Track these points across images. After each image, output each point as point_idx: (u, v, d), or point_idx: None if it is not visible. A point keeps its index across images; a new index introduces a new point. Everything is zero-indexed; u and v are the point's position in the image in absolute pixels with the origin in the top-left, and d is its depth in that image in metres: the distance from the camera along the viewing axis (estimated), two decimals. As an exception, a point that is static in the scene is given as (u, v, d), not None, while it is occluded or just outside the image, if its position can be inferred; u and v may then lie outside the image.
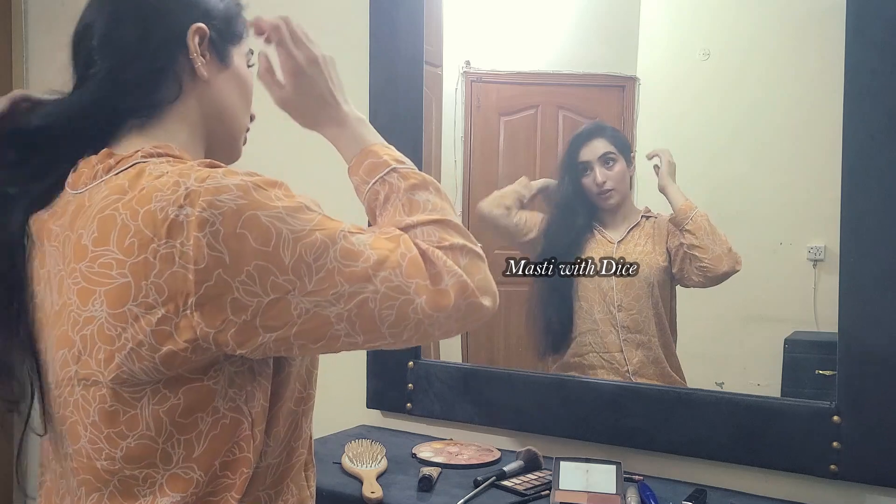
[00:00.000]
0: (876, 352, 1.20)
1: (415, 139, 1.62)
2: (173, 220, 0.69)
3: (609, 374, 1.53)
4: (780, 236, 1.42)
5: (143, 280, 0.69)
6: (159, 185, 0.71)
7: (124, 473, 0.75)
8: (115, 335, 0.71)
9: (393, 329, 0.74)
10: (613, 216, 1.60)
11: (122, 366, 0.71)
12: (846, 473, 1.23)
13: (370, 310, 0.72)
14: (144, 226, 0.70)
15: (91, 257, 0.72)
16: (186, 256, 0.68)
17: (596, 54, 1.71)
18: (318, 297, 0.71)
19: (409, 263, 0.74)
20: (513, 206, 1.65)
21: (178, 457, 0.74)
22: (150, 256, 0.69)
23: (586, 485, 1.25)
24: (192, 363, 0.72)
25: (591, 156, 1.58)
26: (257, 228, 0.69)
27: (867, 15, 1.21)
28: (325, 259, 0.71)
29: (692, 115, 1.55)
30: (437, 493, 1.27)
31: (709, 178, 1.54)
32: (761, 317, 1.46)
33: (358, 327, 0.73)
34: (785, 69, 1.45)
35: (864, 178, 1.21)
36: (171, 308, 0.69)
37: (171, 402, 0.73)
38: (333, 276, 0.71)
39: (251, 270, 0.69)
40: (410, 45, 1.63)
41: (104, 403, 0.73)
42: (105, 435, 0.74)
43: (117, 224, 0.71)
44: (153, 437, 0.73)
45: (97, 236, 0.72)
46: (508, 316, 1.76)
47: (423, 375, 1.62)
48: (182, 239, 0.68)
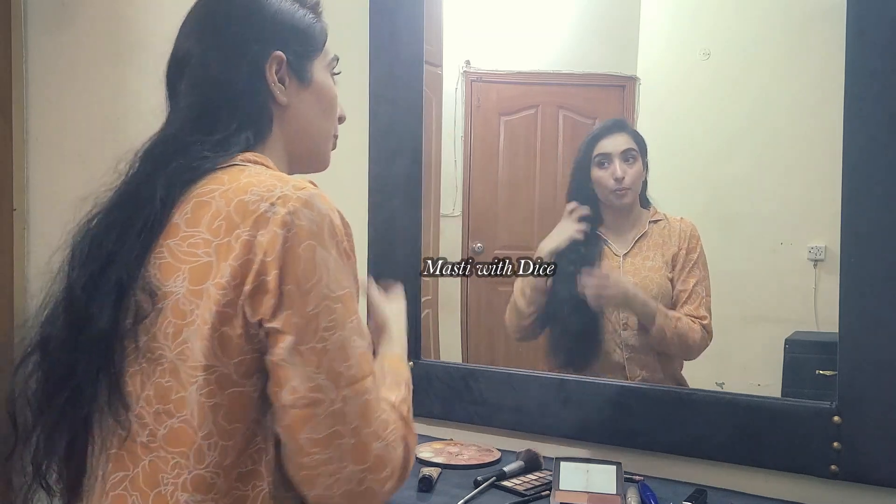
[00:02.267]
0: (876, 352, 1.20)
1: (415, 139, 1.62)
2: (261, 214, 0.75)
3: None
4: (780, 236, 1.42)
5: (223, 261, 0.75)
6: (257, 182, 0.78)
7: (160, 454, 0.77)
8: (188, 310, 0.76)
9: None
10: (622, 221, 1.55)
11: (186, 342, 0.75)
12: (846, 473, 1.23)
13: (335, 366, 0.77)
14: (235, 212, 0.76)
15: (182, 236, 0.78)
16: (261, 246, 0.74)
17: (596, 54, 1.71)
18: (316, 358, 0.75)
19: (366, 406, 0.78)
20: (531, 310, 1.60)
21: (211, 460, 0.76)
22: (233, 241, 0.75)
23: (586, 485, 1.25)
24: (244, 355, 0.75)
25: (612, 148, 1.52)
26: (308, 262, 0.75)
27: (868, 15, 1.21)
28: (335, 334, 0.76)
29: (692, 114, 1.55)
30: (437, 493, 1.27)
31: (709, 177, 1.54)
32: (761, 317, 1.46)
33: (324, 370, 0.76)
34: (785, 69, 1.45)
35: (865, 178, 1.21)
36: (237, 293, 0.74)
37: (216, 400, 0.76)
38: (337, 349, 0.76)
39: (292, 290, 0.75)
40: (410, 45, 1.62)
41: (162, 378, 0.77)
42: (154, 410, 0.77)
43: (211, 208, 0.78)
44: (195, 427, 0.76)
45: (190, 217, 0.78)
46: (508, 316, 1.76)
47: (423, 375, 1.61)
48: (264, 231, 0.74)
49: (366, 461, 0.77)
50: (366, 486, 0.78)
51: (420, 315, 1.62)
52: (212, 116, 0.85)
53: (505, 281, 1.75)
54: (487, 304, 1.78)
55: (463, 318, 1.77)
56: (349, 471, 0.76)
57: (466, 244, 1.75)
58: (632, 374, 1.50)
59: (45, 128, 2.14)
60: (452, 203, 1.75)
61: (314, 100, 0.92)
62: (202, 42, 0.88)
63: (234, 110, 0.86)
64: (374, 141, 1.66)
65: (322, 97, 0.93)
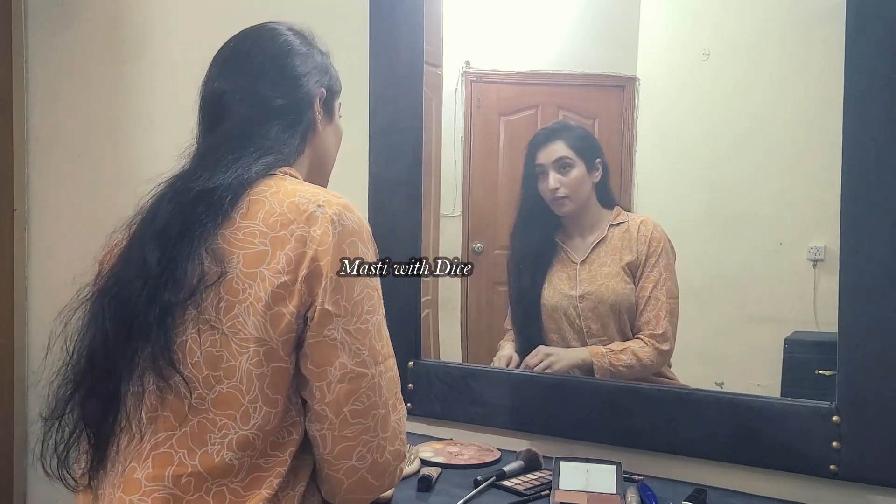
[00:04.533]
0: (876, 352, 1.20)
1: (415, 139, 1.62)
2: (311, 213, 0.89)
3: None
4: (780, 236, 1.42)
5: (279, 251, 0.87)
6: (301, 189, 0.92)
7: (208, 416, 0.86)
8: (241, 289, 0.86)
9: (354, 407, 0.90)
10: (576, 226, 1.54)
11: (238, 316, 0.85)
12: (846, 473, 1.23)
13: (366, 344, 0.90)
14: (288, 211, 0.89)
15: (237, 226, 0.89)
16: (314, 239, 0.87)
17: (596, 54, 1.71)
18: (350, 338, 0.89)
19: (390, 381, 0.95)
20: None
21: (256, 422, 0.86)
22: (289, 235, 0.88)
23: (586, 485, 1.25)
24: (292, 332, 0.86)
25: (545, 159, 1.54)
26: (352, 254, 0.89)
27: (867, 15, 1.21)
28: (371, 319, 0.92)
29: (692, 115, 1.55)
30: (437, 493, 1.27)
31: (709, 178, 1.54)
32: (761, 317, 1.46)
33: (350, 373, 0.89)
34: (785, 69, 1.45)
35: (865, 178, 1.21)
36: (292, 277, 0.86)
37: (263, 370, 0.86)
38: (366, 335, 0.90)
39: (335, 278, 0.88)
40: (410, 45, 1.62)
41: (213, 348, 0.86)
42: (204, 377, 0.86)
43: (265, 206, 0.90)
44: (243, 392, 0.86)
45: (245, 211, 0.90)
46: (508, 316, 1.76)
47: (423, 375, 1.62)
48: (315, 227, 0.88)
49: (387, 430, 0.91)
50: (385, 457, 0.91)
51: (420, 315, 1.63)
52: (266, 134, 0.99)
53: (505, 281, 1.76)
54: (487, 304, 1.78)
55: (463, 318, 1.76)
56: (378, 439, 0.90)
57: (466, 244, 1.75)
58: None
59: (45, 128, 2.14)
60: (452, 203, 1.75)
61: (333, 132, 1.11)
62: (254, 76, 1.02)
63: (288, 129, 1.01)
64: (374, 141, 1.66)
65: (338, 132, 1.13)
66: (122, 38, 2.02)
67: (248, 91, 1.01)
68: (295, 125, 1.02)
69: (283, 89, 1.02)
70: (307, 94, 1.05)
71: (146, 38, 1.97)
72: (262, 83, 1.02)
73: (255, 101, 1.00)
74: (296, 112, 1.03)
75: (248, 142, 0.97)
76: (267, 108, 1.01)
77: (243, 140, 0.97)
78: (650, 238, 1.48)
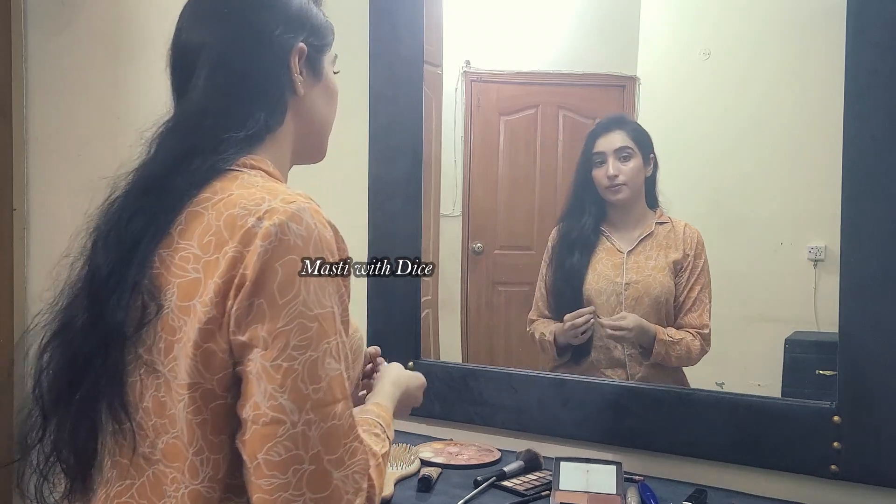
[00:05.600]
0: (876, 352, 1.20)
1: (415, 139, 1.62)
2: (249, 228, 0.73)
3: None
4: (780, 236, 1.42)
5: (209, 279, 0.73)
6: (247, 195, 0.76)
7: (160, 468, 0.77)
8: (178, 327, 0.74)
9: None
10: (624, 218, 1.56)
11: (176, 358, 0.74)
12: (846, 473, 1.23)
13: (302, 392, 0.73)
14: (224, 227, 0.75)
15: (174, 247, 0.76)
16: (246, 264, 0.72)
17: (596, 54, 1.71)
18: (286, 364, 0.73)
19: (337, 431, 0.75)
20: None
21: (206, 475, 0.75)
22: (221, 258, 0.73)
23: (586, 485, 1.25)
24: (227, 369, 0.74)
25: (606, 147, 1.55)
26: (287, 277, 0.72)
27: (867, 15, 1.21)
28: (307, 354, 0.73)
29: (692, 114, 1.55)
30: (437, 493, 1.27)
31: (709, 178, 1.54)
32: (762, 317, 1.46)
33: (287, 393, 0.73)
34: (785, 69, 1.45)
35: (865, 178, 1.21)
36: (221, 309, 0.72)
37: (203, 416, 0.74)
38: (305, 369, 0.73)
39: (270, 300, 0.72)
40: (410, 45, 1.62)
41: (158, 392, 0.76)
42: (153, 423, 0.76)
43: (203, 221, 0.76)
44: (185, 444, 0.75)
45: (183, 228, 0.77)
46: (508, 316, 1.76)
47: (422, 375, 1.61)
48: (250, 247, 0.73)
49: (322, 489, 0.73)
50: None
51: (420, 315, 1.63)
52: (234, 107, 0.84)
53: (505, 281, 1.76)
54: (487, 304, 1.78)
55: (463, 318, 1.77)
56: (305, 499, 0.72)
57: (466, 244, 1.76)
58: (632, 372, 1.51)
59: (45, 128, 2.14)
60: (452, 203, 1.75)
61: (324, 93, 0.94)
62: (220, 30, 0.86)
63: (256, 100, 0.85)
64: (374, 141, 1.66)
65: (330, 91, 0.95)
66: (122, 38, 2.02)
67: (210, 52, 0.85)
68: (262, 95, 0.86)
69: (246, 49, 0.85)
70: (278, 54, 0.87)
71: (146, 38, 1.97)
72: (232, 40, 0.85)
73: (216, 66, 0.84)
74: (263, 78, 0.86)
75: (204, 121, 0.83)
76: (226, 76, 0.84)
77: (200, 117, 0.83)
78: (696, 241, 1.51)
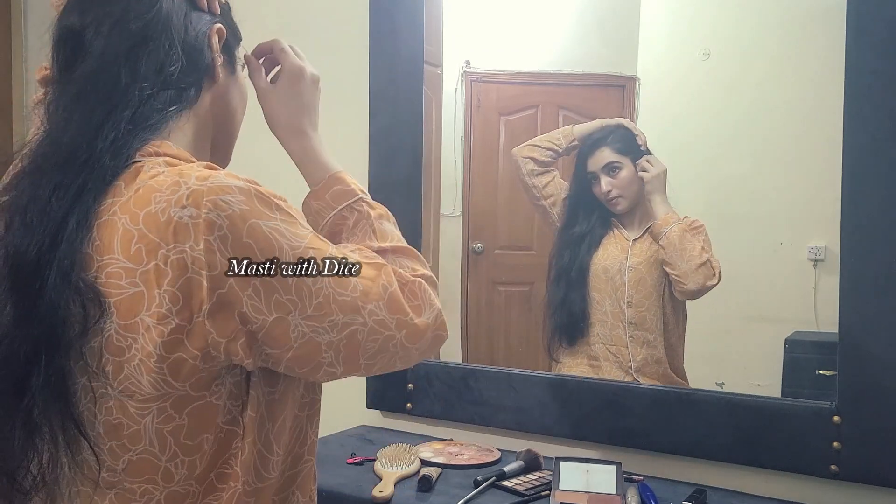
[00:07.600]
0: (876, 352, 1.20)
1: (415, 139, 1.62)
2: (177, 222, 0.66)
3: (612, 367, 1.53)
4: (780, 236, 1.42)
5: (155, 289, 0.66)
6: (156, 185, 0.68)
7: (123, 486, 0.72)
8: (126, 346, 0.67)
9: (369, 361, 0.76)
10: (630, 217, 1.60)
11: (130, 377, 0.68)
12: (846, 473, 1.23)
13: (357, 342, 0.74)
14: (148, 230, 0.66)
15: (97, 267, 0.68)
16: (199, 262, 0.66)
17: (596, 54, 1.71)
18: (316, 323, 0.71)
19: (390, 298, 0.77)
20: (542, 160, 1.63)
21: (181, 476, 0.72)
22: (161, 263, 0.66)
23: (586, 485, 1.25)
24: (200, 373, 0.69)
25: (595, 167, 1.59)
26: (262, 240, 0.68)
27: (868, 15, 1.20)
28: (322, 283, 0.72)
29: (692, 114, 1.55)
30: (437, 493, 1.27)
31: (709, 177, 1.54)
32: (761, 317, 1.46)
33: (342, 357, 0.74)
34: (785, 69, 1.45)
35: (865, 177, 1.21)
36: (185, 316, 0.66)
37: (176, 423, 0.70)
38: (329, 303, 0.72)
39: (257, 285, 0.68)
40: (410, 45, 1.62)
41: (109, 416, 0.70)
42: (108, 448, 0.71)
43: (118, 229, 0.67)
44: (157, 454, 0.71)
45: (99, 244, 0.68)
46: (508, 316, 1.76)
47: (423, 375, 1.62)
48: (191, 243, 0.66)
49: (401, 328, 0.77)
50: (435, 335, 0.84)
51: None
52: (129, 90, 0.74)
53: (505, 281, 1.76)
54: (487, 304, 1.78)
55: (463, 318, 1.77)
56: (395, 340, 0.77)
57: (466, 244, 1.75)
58: (634, 352, 1.51)
59: (45, 128, 2.14)
60: (452, 203, 1.75)
61: (237, 89, 0.87)
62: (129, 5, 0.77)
63: (160, 72, 0.76)
64: (374, 141, 1.66)
65: (242, 90, 0.89)
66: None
67: (106, 25, 0.75)
68: (165, 64, 0.76)
69: (143, 15, 0.76)
70: (198, 25, 0.80)
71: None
72: (126, 16, 0.76)
73: (115, 39, 0.75)
74: (191, 48, 0.79)
75: (118, 83, 0.73)
76: (128, 48, 0.75)
77: (113, 82, 0.73)
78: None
